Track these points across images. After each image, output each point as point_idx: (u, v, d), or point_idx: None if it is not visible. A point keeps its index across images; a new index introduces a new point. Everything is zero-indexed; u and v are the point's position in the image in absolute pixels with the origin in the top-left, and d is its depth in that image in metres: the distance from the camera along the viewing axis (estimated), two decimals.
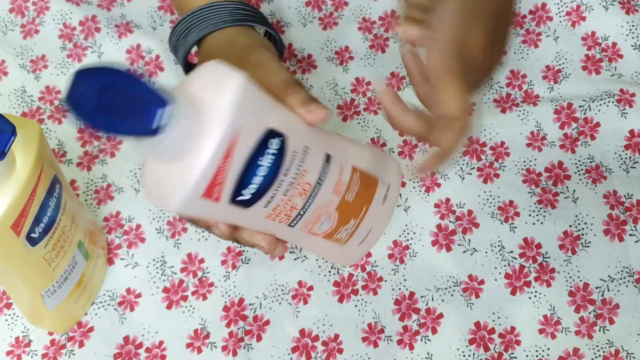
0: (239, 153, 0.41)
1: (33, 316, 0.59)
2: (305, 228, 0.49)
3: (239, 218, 0.46)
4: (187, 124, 0.39)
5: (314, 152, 0.46)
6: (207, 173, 0.40)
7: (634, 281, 0.61)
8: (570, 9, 0.73)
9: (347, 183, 0.49)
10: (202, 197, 0.41)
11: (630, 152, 0.67)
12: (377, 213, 0.52)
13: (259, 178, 0.43)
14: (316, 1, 0.75)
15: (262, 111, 0.43)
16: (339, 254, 0.53)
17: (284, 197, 0.45)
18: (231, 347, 0.60)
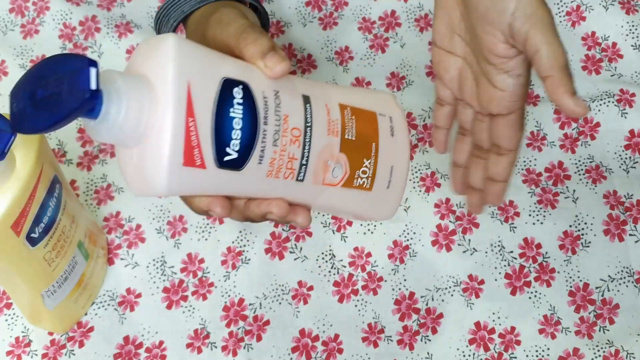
0: (201, 108, 0.39)
1: (33, 316, 0.59)
2: (317, 179, 0.46)
3: (238, 186, 0.43)
4: (136, 98, 0.38)
5: (287, 94, 0.44)
6: (176, 137, 0.38)
7: (634, 281, 0.61)
8: (570, 9, 0.73)
9: (340, 120, 0.46)
10: (184, 165, 0.39)
11: (630, 152, 0.67)
12: (390, 148, 0.49)
13: (237, 131, 0.41)
14: (316, 1, 0.75)
15: (209, 63, 0.41)
16: (372, 205, 0.50)
17: (276, 147, 0.42)
18: (231, 347, 0.60)
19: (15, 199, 0.46)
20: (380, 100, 0.50)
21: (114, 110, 0.37)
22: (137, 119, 0.38)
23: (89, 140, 0.68)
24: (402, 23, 0.74)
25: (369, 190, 0.48)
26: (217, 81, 0.40)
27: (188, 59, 0.40)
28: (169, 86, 0.38)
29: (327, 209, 0.49)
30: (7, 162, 0.45)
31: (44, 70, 0.37)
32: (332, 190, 0.46)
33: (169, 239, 0.64)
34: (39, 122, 0.36)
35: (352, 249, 0.63)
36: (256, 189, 0.43)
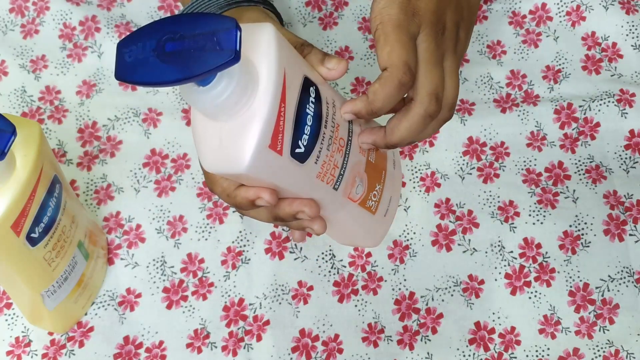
0: (290, 97, 0.41)
1: (33, 316, 0.59)
2: (346, 192, 0.48)
3: (295, 180, 0.45)
4: (244, 77, 0.39)
5: (339, 107, 0.46)
6: (270, 118, 0.40)
7: (634, 281, 0.61)
8: (570, 9, 0.73)
9: None
10: (268, 147, 0.41)
11: (630, 152, 0.67)
12: (392, 179, 0.52)
13: (308, 127, 0.43)
14: (316, 1, 0.75)
15: (295, 59, 0.44)
16: (370, 227, 0.53)
17: (328, 152, 0.45)
18: (231, 347, 0.60)
19: (15, 199, 0.46)
20: None
21: (224, 83, 0.39)
22: (239, 96, 0.40)
23: (88, 140, 0.68)
24: None
25: (373, 214, 0.51)
26: (301, 77, 0.43)
27: (285, 50, 0.42)
28: (272, 71, 0.41)
29: (335, 226, 0.52)
30: (7, 162, 0.45)
31: (176, 25, 0.37)
32: (351, 206, 0.49)
33: (169, 239, 0.64)
34: (168, 73, 0.36)
35: (352, 249, 0.63)
36: (306, 186, 0.46)
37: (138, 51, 0.37)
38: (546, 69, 0.71)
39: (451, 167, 0.66)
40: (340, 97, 0.49)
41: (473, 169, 0.66)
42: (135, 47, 0.37)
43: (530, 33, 0.73)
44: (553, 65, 0.71)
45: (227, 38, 0.36)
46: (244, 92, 0.40)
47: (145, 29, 0.38)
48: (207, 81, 0.39)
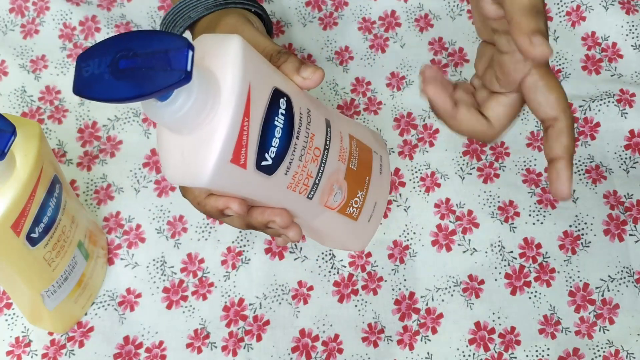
0: (255, 112, 0.41)
1: (33, 316, 0.59)
2: (322, 200, 0.48)
3: (264, 191, 0.45)
4: (205, 90, 0.39)
5: (315, 115, 0.46)
6: (232, 133, 0.40)
7: (634, 281, 0.61)
8: (570, 9, 0.73)
9: (348, 150, 0.49)
10: (230, 162, 0.41)
11: (630, 152, 0.67)
12: (377, 185, 0.52)
13: (276, 140, 0.43)
14: (316, 1, 0.75)
15: (265, 71, 0.43)
16: (352, 233, 0.52)
17: (300, 162, 0.45)
18: (231, 347, 0.60)
19: (15, 199, 0.46)
20: (375, 138, 0.54)
21: (183, 97, 0.39)
22: (199, 111, 0.39)
23: (88, 140, 0.68)
24: (402, 23, 0.74)
25: (355, 220, 0.51)
26: (269, 89, 0.42)
27: (251, 62, 0.42)
28: (235, 85, 0.40)
29: (315, 231, 0.52)
30: (7, 162, 0.45)
31: (130, 42, 0.37)
32: (328, 213, 0.49)
33: (169, 239, 0.64)
34: (120, 91, 0.37)
35: None
36: (276, 197, 0.45)
37: (95, 67, 0.37)
38: None
39: (451, 167, 0.66)
40: (320, 104, 0.48)
41: (473, 169, 0.66)
42: (92, 63, 0.37)
43: None
44: (553, 65, 0.71)
45: (179, 58, 0.36)
46: (204, 107, 0.39)
47: (102, 44, 0.38)
48: (165, 97, 0.39)
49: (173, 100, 0.39)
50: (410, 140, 0.68)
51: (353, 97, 0.70)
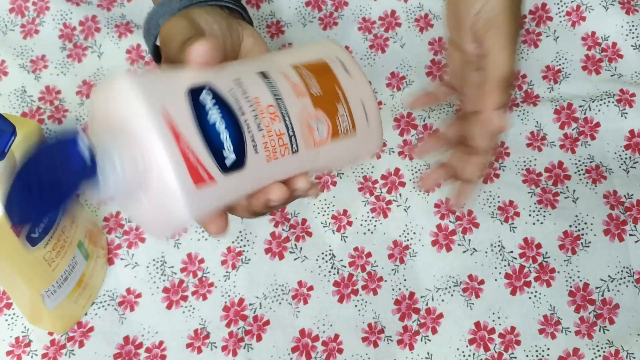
0: (184, 127, 0.39)
1: (33, 316, 0.59)
2: (309, 143, 0.45)
3: (249, 183, 0.43)
4: (125, 147, 0.38)
5: (247, 78, 0.44)
6: (176, 163, 0.38)
7: (634, 281, 0.61)
8: (570, 9, 0.73)
9: (301, 81, 0.46)
10: (195, 186, 0.39)
11: (630, 152, 0.67)
12: (352, 85, 0.48)
13: (224, 132, 0.40)
14: (316, 1, 0.75)
15: (170, 82, 0.41)
16: (361, 145, 0.49)
17: (261, 131, 0.42)
18: (231, 347, 0.60)
19: None
20: (323, 48, 0.50)
21: (108, 169, 0.37)
22: (134, 167, 0.38)
23: None
24: (402, 23, 0.74)
25: (354, 133, 0.47)
26: (184, 94, 0.40)
27: (151, 88, 0.39)
28: (147, 122, 0.38)
29: (324, 167, 0.49)
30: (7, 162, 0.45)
31: (29, 169, 0.36)
32: (325, 148, 0.46)
33: (169, 238, 0.64)
34: (42, 206, 0.36)
35: (352, 249, 0.63)
36: (266, 176, 0.43)
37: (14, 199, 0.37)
38: (546, 69, 0.71)
39: None
40: (246, 63, 0.46)
41: None
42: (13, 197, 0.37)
43: (530, 33, 0.73)
44: (553, 65, 0.71)
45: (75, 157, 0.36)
46: (135, 161, 0.38)
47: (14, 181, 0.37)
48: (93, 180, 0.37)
49: (103, 177, 0.37)
50: (410, 140, 0.68)
51: None
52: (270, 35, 0.73)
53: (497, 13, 0.46)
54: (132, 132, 0.38)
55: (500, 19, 0.46)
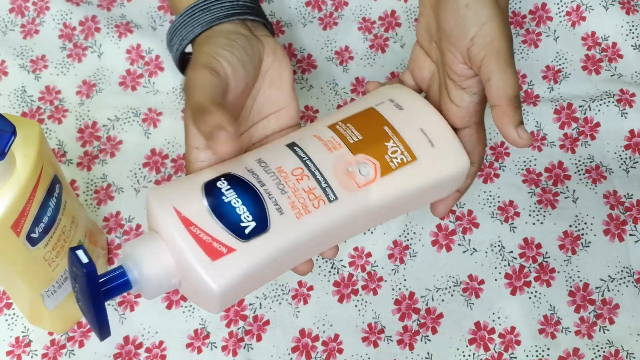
0: (196, 215, 0.43)
1: (33, 316, 0.59)
2: (351, 187, 0.47)
3: (280, 243, 0.45)
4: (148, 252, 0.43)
5: (270, 154, 0.47)
6: (188, 245, 0.43)
7: (634, 281, 0.61)
8: (570, 9, 0.73)
9: (334, 136, 0.48)
10: (212, 260, 0.43)
11: (630, 152, 0.67)
12: (404, 119, 0.49)
13: (241, 207, 0.44)
14: (316, 1, 0.75)
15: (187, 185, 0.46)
16: (431, 168, 0.49)
17: (286, 194, 0.45)
18: (231, 347, 0.60)
19: (15, 199, 0.46)
20: (373, 96, 0.52)
21: (137, 274, 0.43)
22: (160, 265, 0.43)
23: (88, 140, 0.68)
24: (402, 23, 0.74)
25: (414, 160, 0.48)
26: (199, 189, 0.45)
27: (163, 195, 0.45)
28: (159, 221, 0.44)
29: (400, 203, 0.49)
30: (7, 162, 0.45)
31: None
32: (376, 184, 0.47)
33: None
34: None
35: (352, 249, 0.63)
36: (297, 233, 0.45)
37: None
38: (546, 69, 0.71)
39: None
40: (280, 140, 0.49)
41: None
42: None
43: (530, 33, 0.73)
44: (553, 65, 0.71)
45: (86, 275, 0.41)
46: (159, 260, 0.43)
47: None
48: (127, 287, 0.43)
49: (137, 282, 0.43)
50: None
51: (353, 97, 0.70)
52: None
53: (494, 37, 0.46)
54: (159, 233, 0.44)
55: (498, 43, 0.46)
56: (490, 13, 0.47)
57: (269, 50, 0.53)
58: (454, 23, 0.48)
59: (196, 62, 0.49)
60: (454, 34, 0.48)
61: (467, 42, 0.47)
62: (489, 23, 0.47)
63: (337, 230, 0.47)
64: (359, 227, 0.49)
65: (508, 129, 0.46)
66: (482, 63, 0.47)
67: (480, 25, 0.47)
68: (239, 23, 0.53)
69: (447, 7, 0.48)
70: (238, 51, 0.50)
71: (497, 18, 0.47)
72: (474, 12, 0.47)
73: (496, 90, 0.46)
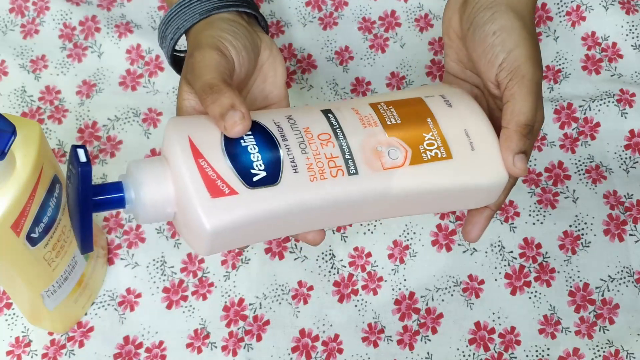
0: (209, 150, 0.43)
1: (33, 316, 0.59)
2: (375, 167, 0.45)
3: (285, 198, 0.44)
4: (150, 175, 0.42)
5: (302, 115, 0.46)
6: (192, 177, 0.42)
7: (634, 281, 0.61)
8: (570, 9, 0.73)
9: (373, 113, 0.47)
10: (212, 197, 0.41)
11: (630, 152, 0.67)
12: (452, 117, 0.48)
13: (256, 154, 0.43)
14: (316, 1, 0.75)
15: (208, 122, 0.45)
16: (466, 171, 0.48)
17: (306, 154, 0.44)
18: (231, 347, 0.60)
19: (15, 199, 0.46)
20: (426, 89, 0.51)
21: (133, 194, 0.42)
22: (159, 190, 0.42)
23: (88, 140, 0.68)
24: (402, 23, 0.74)
25: (449, 159, 0.47)
26: (219, 138, 0.44)
27: (183, 123, 0.44)
28: (170, 147, 0.43)
29: (423, 199, 0.48)
30: (7, 162, 0.45)
31: None
32: (401, 171, 0.46)
33: (169, 239, 0.64)
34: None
35: (352, 249, 0.63)
36: (306, 195, 0.44)
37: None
38: (546, 69, 0.71)
39: None
40: (311, 106, 0.48)
41: None
42: None
43: None
44: (553, 65, 0.71)
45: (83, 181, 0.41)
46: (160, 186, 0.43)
47: None
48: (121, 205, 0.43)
49: (132, 202, 0.42)
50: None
51: (353, 97, 0.70)
52: (270, 36, 0.73)
53: (521, 63, 0.46)
54: (166, 160, 0.43)
55: (524, 68, 0.46)
56: (517, 39, 0.47)
57: (265, 45, 0.52)
58: (482, 51, 0.48)
59: (202, 43, 0.49)
60: (482, 63, 0.48)
61: (495, 69, 0.47)
62: (516, 49, 0.47)
63: (349, 207, 0.46)
64: (373, 212, 0.48)
65: (506, 154, 0.46)
66: (507, 86, 0.47)
67: (507, 51, 0.47)
68: (236, 14, 0.53)
69: (475, 37, 0.48)
70: (241, 37, 0.50)
71: (525, 44, 0.47)
72: (501, 40, 0.47)
73: (510, 113, 0.46)
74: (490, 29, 0.47)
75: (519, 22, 0.47)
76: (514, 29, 0.47)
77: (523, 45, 0.47)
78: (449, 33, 0.52)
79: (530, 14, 0.49)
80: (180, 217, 0.43)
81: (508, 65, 0.47)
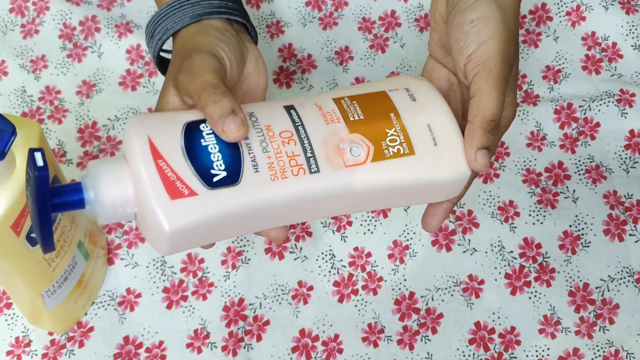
0: (168, 150, 0.42)
1: (33, 316, 0.59)
2: (337, 164, 0.45)
3: (247, 198, 0.43)
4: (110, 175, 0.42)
5: (264, 111, 0.46)
6: (150, 178, 0.41)
7: (634, 281, 0.61)
8: (570, 9, 0.73)
9: (337, 109, 0.47)
10: (171, 199, 0.41)
11: (630, 152, 0.67)
12: (416, 111, 0.48)
13: (216, 154, 0.43)
14: (316, 1, 0.75)
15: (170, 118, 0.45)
16: (428, 166, 0.47)
17: (267, 153, 0.44)
18: (231, 347, 0.60)
19: (15, 199, 0.46)
20: (390, 81, 0.51)
21: (92, 194, 0.42)
22: (118, 191, 0.42)
23: (88, 140, 0.68)
24: (402, 23, 0.74)
25: (411, 155, 0.47)
26: (180, 126, 0.44)
27: (143, 123, 0.44)
28: (129, 147, 0.42)
29: (385, 195, 0.48)
30: (7, 162, 0.45)
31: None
32: (363, 168, 0.46)
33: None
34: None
35: (352, 249, 0.63)
36: (267, 194, 0.44)
37: None
38: (546, 69, 0.71)
39: None
40: (271, 102, 0.48)
41: None
42: None
43: (530, 33, 0.73)
44: (553, 65, 0.71)
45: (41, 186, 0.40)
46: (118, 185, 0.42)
47: None
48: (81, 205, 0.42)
49: (91, 202, 0.42)
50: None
51: None
52: (270, 36, 0.73)
53: (490, 57, 0.46)
54: (125, 160, 0.43)
55: (492, 62, 0.46)
56: (492, 32, 0.46)
57: (252, 57, 0.52)
58: (455, 38, 0.47)
59: (200, 47, 0.49)
60: (455, 49, 0.47)
61: (465, 58, 0.47)
62: (489, 42, 0.46)
63: (311, 205, 0.46)
64: (335, 209, 0.48)
65: (468, 149, 0.46)
66: (473, 80, 0.46)
67: (479, 43, 0.46)
68: (226, 22, 0.53)
69: (454, 22, 0.48)
70: (231, 47, 0.50)
71: (499, 37, 0.46)
72: (476, 30, 0.46)
73: (475, 108, 0.46)
74: (469, 17, 0.47)
75: (499, 13, 0.47)
76: (491, 20, 0.46)
77: (496, 39, 0.46)
78: (435, 16, 0.52)
79: (514, 7, 0.48)
80: (140, 218, 0.43)
81: (477, 57, 0.46)
